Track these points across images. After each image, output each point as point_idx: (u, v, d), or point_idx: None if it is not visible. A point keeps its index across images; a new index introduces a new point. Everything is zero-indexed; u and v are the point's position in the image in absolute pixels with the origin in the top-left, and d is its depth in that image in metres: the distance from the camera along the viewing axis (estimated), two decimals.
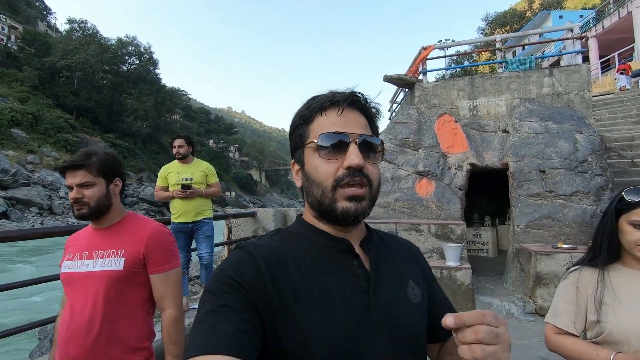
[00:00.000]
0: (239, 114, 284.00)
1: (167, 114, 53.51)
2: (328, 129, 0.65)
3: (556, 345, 1.20)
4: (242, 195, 62.56)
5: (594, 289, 1.16)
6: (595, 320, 1.14)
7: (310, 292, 0.61)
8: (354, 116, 0.68)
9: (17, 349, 5.34)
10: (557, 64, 11.36)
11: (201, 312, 0.57)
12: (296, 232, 0.71)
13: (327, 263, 0.65)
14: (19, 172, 24.28)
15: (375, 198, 0.68)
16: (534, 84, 6.40)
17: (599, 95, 10.94)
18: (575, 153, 5.22)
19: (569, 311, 1.19)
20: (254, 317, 0.56)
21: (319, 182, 0.65)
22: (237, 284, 0.58)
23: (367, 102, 0.70)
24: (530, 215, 4.98)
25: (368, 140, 0.66)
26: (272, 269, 0.61)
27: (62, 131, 33.02)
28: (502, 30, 31.27)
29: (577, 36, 6.97)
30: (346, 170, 0.63)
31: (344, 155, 0.64)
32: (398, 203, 5.76)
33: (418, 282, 0.75)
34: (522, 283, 4.55)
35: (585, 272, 1.22)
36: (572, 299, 1.20)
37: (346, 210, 0.63)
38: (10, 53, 40.73)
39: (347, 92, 0.68)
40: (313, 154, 0.67)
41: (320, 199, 0.65)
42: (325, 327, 0.59)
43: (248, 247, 0.64)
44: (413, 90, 7.20)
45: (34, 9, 62.88)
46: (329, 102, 0.67)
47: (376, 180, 0.67)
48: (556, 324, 1.21)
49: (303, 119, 0.70)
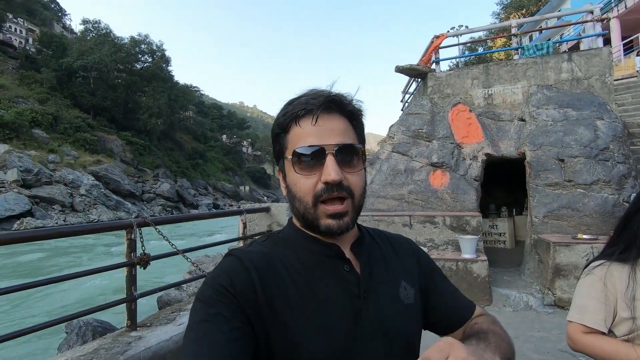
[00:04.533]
0: (250, 109, 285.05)
1: (180, 111, 54.13)
2: (303, 142, 0.63)
3: (585, 345, 1.14)
4: (255, 189, 63.09)
5: (624, 285, 1.10)
6: (628, 317, 1.08)
7: (300, 299, 0.61)
8: (331, 122, 0.64)
9: (43, 345, 5.59)
10: (576, 47, 10.96)
11: (193, 320, 0.57)
12: (286, 237, 0.71)
13: (317, 269, 0.65)
14: (41, 172, 25.08)
15: (359, 207, 0.66)
16: (552, 70, 6.20)
17: (621, 79, 10.49)
18: (595, 140, 5.05)
19: (598, 309, 1.12)
20: (246, 324, 0.56)
21: (299, 197, 0.65)
22: (228, 292, 0.57)
23: (346, 103, 0.66)
24: (548, 205, 4.87)
25: (349, 146, 0.64)
26: (263, 276, 0.61)
27: (81, 130, 33.82)
28: (518, 14, 30.23)
29: (598, 18, 6.69)
30: (324, 185, 0.61)
31: (321, 168, 0.62)
32: (412, 195, 5.71)
33: (412, 280, 0.74)
34: (541, 274, 4.47)
35: (614, 267, 1.14)
36: (601, 296, 1.13)
37: (329, 227, 0.63)
38: (29, 55, 41.82)
39: (324, 94, 0.64)
40: (291, 168, 0.65)
41: (304, 214, 0.65)
42: (315, 334, 0.59)
43: (238, 254, 0.64)
44: (426, 80, 7.08)
45: (50, 11, 64.22)
46: (302, 112, 0.63)
47: (359, 188, 0.65)
48: (586, 323, 1.13)
49: (280, 127, 0.67)
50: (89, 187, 27.11)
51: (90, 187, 27.24)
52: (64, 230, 2.03)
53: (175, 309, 2.89)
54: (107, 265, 2.37)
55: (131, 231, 2.39)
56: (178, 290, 4.78)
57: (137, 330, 2.38)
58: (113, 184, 30.14)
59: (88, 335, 3.21)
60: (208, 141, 65.95)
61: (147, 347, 2.14)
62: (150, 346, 2.16)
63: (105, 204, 27.22)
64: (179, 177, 43.25)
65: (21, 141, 27.45)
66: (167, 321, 2.56)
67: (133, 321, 2.39)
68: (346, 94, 0.67)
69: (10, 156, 24.61)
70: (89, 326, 3.30)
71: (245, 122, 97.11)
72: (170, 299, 4.58)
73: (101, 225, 2.49)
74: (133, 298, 2.37)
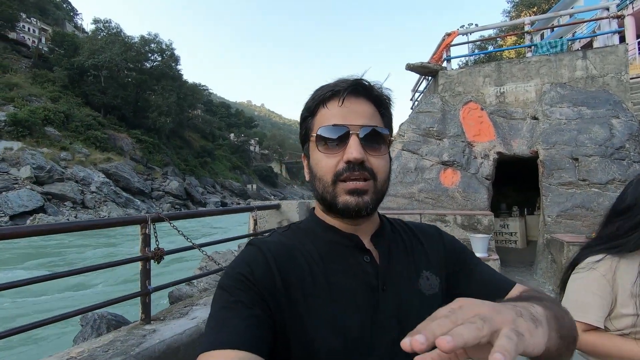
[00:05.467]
0: (258, 108, 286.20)
1: (189, 109, 54.57)
2: (328, 122, 0.63)
3: (586, 343, 1.11)
4: (263, 188, 63.37)
5: (631, 279, 1.07)
6: (630, 313, 1.06)
7: (318, 290, 0.61)
8: (357, 106, 0.64)
9: (60, 333, 5.70)
10: (590, 45, 10.77)
11: (214, 308, 0.58)
12: (306, 227, 0.71)
13: (336, 260, 0.65)
14: (53, 169, 25.51)
15: (382, 191, 0.65)
16: (566, 68, 6.10)
17: (637, 77, 10.29)
18: (611, 139, 4.96)
19: (600, 305, 1.10)
20: (265, 312, 0.57)
21: (320, 176, 0.64)
22: (248, 280, 0.58)
23: (374, 88, 0.66)
24: (562, 204, 4.80)
25: (373, 130, 0.63)
26: (282, 265, 0.61)
27: (92, 128, 34.30)
28: (529, 12, 29.81)
29: (614, 15, 6.57)
30: (346, 165, 0.61)
31: (344, 148, 0.62)
32: (422, 194, 5.68)
33: (435, 269, 0.71)
34: (554, 274, 4.41)
35: (621, 263, 1.11)
36: (604, 293, 1.10)
37: (346, 204, 0.62)
38: (42, 54, 42.52)
39: (352, 79, 0.65)
40: (315, 148, 0.65)
41: (323, 193, 0.65)
42: (331, 325, 0.58)
43: (258, 243, 0.65)
44: (436, 78, 7.02)
45: (62, 10, 65.18)
46: (329, 93, 0.64)
47: (382, 172, 0.64)
48: (589, 322, 1.10)
49: (308, 111, 0.68)
50: (99, 184, 27.53)
51: (101, 184, 27.65)
52: (81, 224, 2.06)
53: (187, 303, 2.92)
54: (122, 259, 2.40)
55: (146, 226, 2.41)
56: (189, 285, 4.83)
57: (151, 323, 2.41)
58: (123, 181, 30.54)
59: (103, 328, 3.26)
60: (216, 139, 66.39)
61: (162, 340, 2.16)
62: (165, 339, 2.18)
63: (115, 201, 27.60)
64: (187, 175, 43.63)
65: (34, 139, 27.95)
66: (180, 315, 2.59)
67: (147, 315, 2.42)
68: (375, 82, 0.67)
69: (23, 153, 25.09)
70: (103, 319, 3.35)
71: (253, 120, 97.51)
72: (181, 294, 4.62)
73: (116, 220, 2.52)
74: (147, 292, 2.40)
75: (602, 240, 1.18)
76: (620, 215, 1.15)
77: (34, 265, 11.66)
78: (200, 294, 3.63)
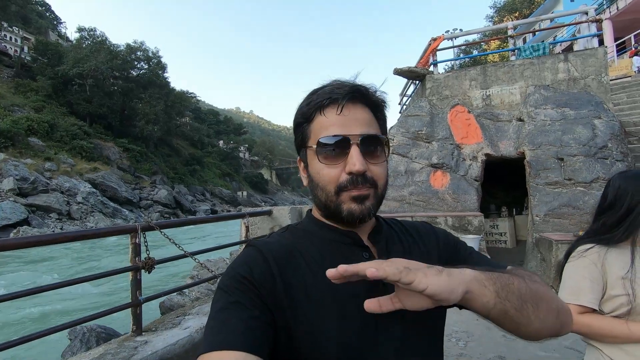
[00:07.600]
0: (247, 114, 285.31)
1: (177, 117, 54.07)
2: (327, 131, 0.63)
3: (582, 325, 1.18)
4: (253, 195, 62.96)
5: (622, 266, 1.15)
6: (620, 294, 1.13)
7: (320, 289, 0.61)
8: (355, 112, 0.64)
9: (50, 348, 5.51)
10: (570, 48, 11.07)
11: (214, 309, 0.58)
12: (305, 228, 0.71)
13: (336, 258, 0.65)
14: (37, 180, 24.88)
15: (381, 197, 0.66)
16: (549, 70, 6.26)
17: (616, 79, 10.63)
18: (594, 139, 5.09)
19: (592, 289, 1.18)
20: (265, 313, 0.57)
21: (322, 186, 0.65)
22: (247, 281, 0.58)
23: (370, 93, 0.66)
24: (549, 204, 4.89)
25: (373, 137, 0.64)
26: (282, 266, 0.62)
27: (77, 138, 33.65)
28: (511, 17, 30.57)
29: (593, 19, 6.78)
30: (348, 176, 0.62)
31: (345, 158, 0.62)
32: (413, 196, 5.72)
33: (432, 263, 0.71)
34: (544, 273, 4.48)
35: (609, 252, 1.20)
36: (594, 276, 1.19)
37: (351, 212, 0.63)
38: (24, 64, 41.70)
39: (348, 84, 0.65)
40: (315, 157, 0.65)
41: (326, 203, 0.65)
42: (336, 323, 0.59)
43: (258, 244, 0.65)
44: (424, 82, 7.12)
45: (45, 19, 64.20)
46: (327, 101, 0.64)
47: (382, 179, 0.65)
48: (582, 303, 1.18)
49: (304, 117, 0.67)
50: (85, 194, 26.93)
51: (87, 194, 27.05)
52: (69, 235, 2.02)
53: (179, 313, 2.86)
54: (111, 270, 2.35)
55: (136, 235, 2.37)
56: (180, 295, 4.75)
57: (143, 334, 2.35)
58: (110, 191, 29.96)
59: (92, 341, 3.17)
60: (205, 147, 65.83)
61: (154, 351, 2.12)
62: (157, 350, 2.14)
63: (103, 211, 27.03)
64: (177, 183, 43.07)
65: (17, 149, 27.26)
66: (173, 325, 2.54)
67: (138, 326, 2.37)
68: (370, 85, 0.67)
69: (6, 165, 24.43)
70: (92, 332, 3.26)
71: (242, 127, 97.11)
72: (173, 304, 4.54)
73: (105, 229, 2.47)
74: (138, 302, 2.35)
75: (590, 234, 1.29)
76: (603, 213, 1.26)
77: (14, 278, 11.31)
78: (192, 304, 3.57)
